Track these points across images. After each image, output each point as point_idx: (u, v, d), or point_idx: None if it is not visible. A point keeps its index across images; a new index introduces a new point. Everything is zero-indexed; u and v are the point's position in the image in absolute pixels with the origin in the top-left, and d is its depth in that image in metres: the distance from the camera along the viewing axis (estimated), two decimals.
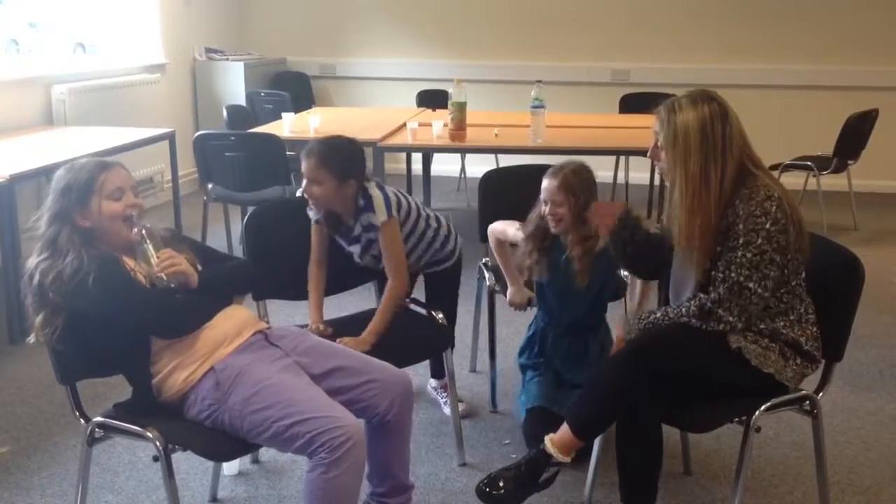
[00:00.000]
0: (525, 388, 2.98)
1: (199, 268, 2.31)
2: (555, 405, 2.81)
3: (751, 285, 2.16)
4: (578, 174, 2.75)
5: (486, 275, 3.23)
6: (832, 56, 6.97)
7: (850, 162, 5.87)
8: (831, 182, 5.98)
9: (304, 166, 2.68)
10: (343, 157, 2.68)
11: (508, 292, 3.03)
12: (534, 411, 2.86)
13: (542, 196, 2.76)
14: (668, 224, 2.32)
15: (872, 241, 5.73)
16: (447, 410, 3.10)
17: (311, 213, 2.77)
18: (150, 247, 2.22)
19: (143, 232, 2.22)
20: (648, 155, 2.36)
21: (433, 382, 3.28)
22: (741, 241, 2.16)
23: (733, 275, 2.17)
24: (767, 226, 2.15)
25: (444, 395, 3.17)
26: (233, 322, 2.28)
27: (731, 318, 2.19)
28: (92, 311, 2.11)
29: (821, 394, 2.35)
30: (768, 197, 2.17)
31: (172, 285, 2.20)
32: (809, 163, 5.78)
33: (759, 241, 2.15)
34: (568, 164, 2.79)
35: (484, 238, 3.27)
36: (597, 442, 2.61)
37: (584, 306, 2.87)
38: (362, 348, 2.54)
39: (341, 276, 2.90)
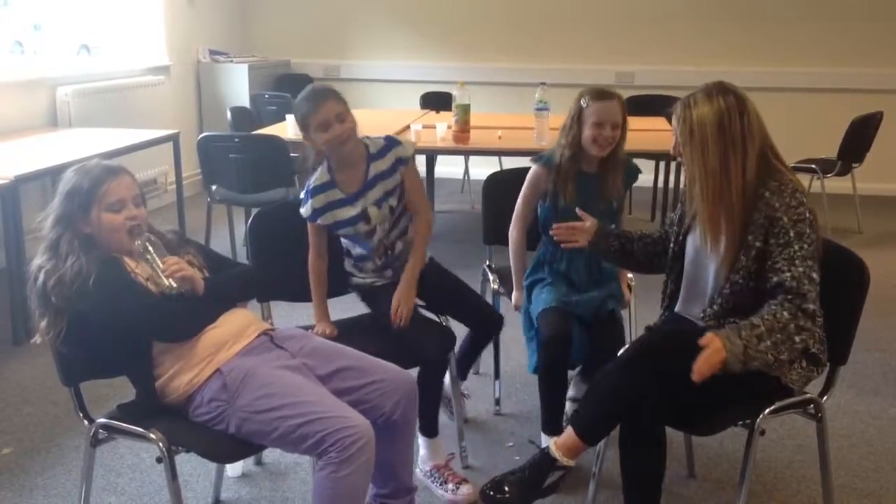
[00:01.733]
0: (535, 298, 2.89)
1: (205, 273, 2.32)
2: (569, 306, 2.78)
3: (814, 275, 2.15)
4: (619, 95, 2.84)
5: (491, 277, 3.22)
6: (837, 59, 6.96)
7: (854, 165, 5.87)
8: (835, 185, 5.97)
9: (325, 109, 2.56)
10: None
11: (514, 294, 3.01)
12: (548, 311, 2.77)
13: (598, 118, 2.77)
14: (690, 216, 2.31)
15: (877, 243, 5.72)
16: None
17: (304, 211, 2.69)
18: (154, 256, 2.22)
19: (147, 244, 2.22)
20: (672, 151, 2.36)
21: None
22: (793, 235, 2.14)
23: (801, 269, 2.13)
24: (808, 213, 2.16)
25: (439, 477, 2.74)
26: (235, 324, 2.28)
27: (813, 307, 2.13)
28: (93, 314, 2.11)
29: (825, 397, 2.35)
30: (796, 189, 2.19)
31: (183, 290, 2.20)
32: (814, 165, 5.78)
33: (808, 230, 2.15)
34: (601, 86, 2.86)
35: (488, 240, 3.27)
36: (600, 445, 2.61)
37: (605, 221, 2.79)
38: (411, 293, 2.67)
39: (343, 278, 2.88)
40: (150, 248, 2.22)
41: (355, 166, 2.70)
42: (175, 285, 2.19)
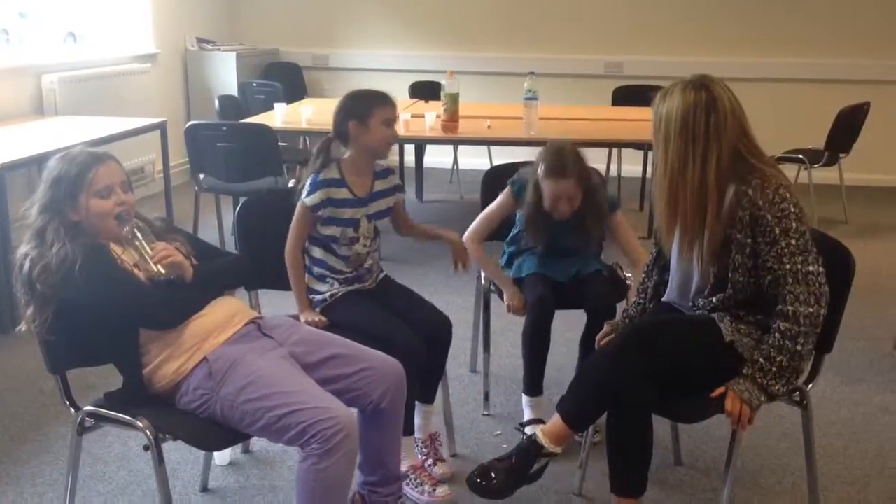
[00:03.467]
0: (517, 266, 3.00)
1: (193, 261, 2.31)
2: (549, 272, 2.92)
3: (811, 268, 2.12)
4: (578, 158, 2.86)
5: (482, 275, 3.20)
6: (824, 49, 6.98)
7: (841, 155, 5.89)
8: (823, 175, 5.99)
9: (394, 110, 2.72)
10: None
11: (506, 296, 2.98)
12: (531, 276, 2.91)
13: (555, 194, 2.82)
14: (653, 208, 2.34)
15: (863, 234, 5.75)
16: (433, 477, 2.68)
17: (310, 199, 2.65)
18: (143, 242, 2.21)
19: (134, 230, 2.21)
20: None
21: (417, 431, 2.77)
22: (778, 232, 2.12)
23: (788, 266, 2.13)
24: (792, 208, 2.13)
25: (428, 453, 2.76)
26: (223, 312, 2.27)
27: (811, 310, 2.12)
28: (79, 302, 2.10)
29: (810, 385, 2.36)
30: (780, 185, 2.16)
31: (172, 277, 2.19)
32: (801, 156, 5.79)
33: (794, 224, 2.12)
34: (562, 152, 2.85)
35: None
36: (587, 433, 2.62)
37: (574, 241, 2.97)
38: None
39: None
40: (139, 234, 2.21)
41: (366, 175, 2.75)
42: (164, 271, 2.18)
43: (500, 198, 3.04)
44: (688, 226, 2.23)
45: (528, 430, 2.79)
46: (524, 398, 2.95)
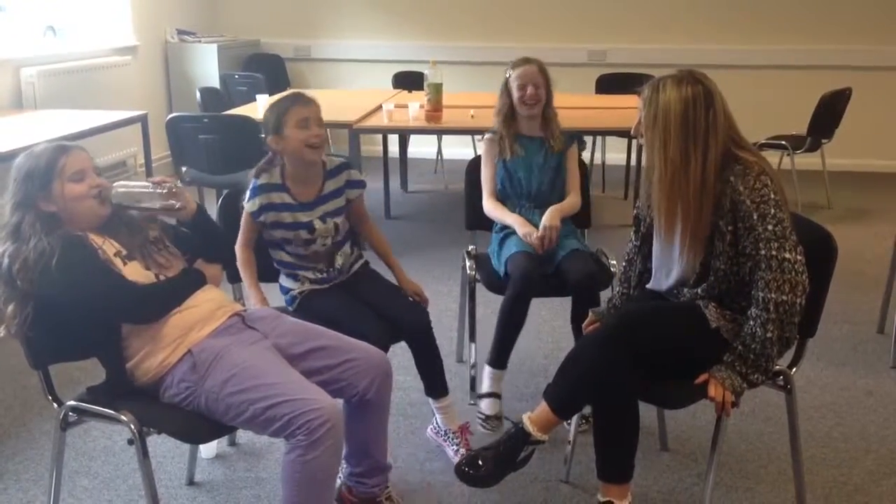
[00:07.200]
0: (505, 246, 3.05)
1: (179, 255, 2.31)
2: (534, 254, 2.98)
3: (787, 255, 2.11)
4: (541, 63, 3.19)
5: (468, 262, 3.21)
6: (806, 35, 7.01)
7: (823, 141, 5.92)
8: (805, 161, 6.02)
9: (309, 111, 2.60)
10: None
11: (521, 232, 3.03)
12: (517, 254, 2.94)
13: (520, 82, 3.12)
14: (646, 204, 2.31)
15: (846, 219, 5.79)
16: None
17: (249, 206, 2.64)
18: (133, 189, 2.22)
19: (119, 191, 2.21)
20: (633, 132, 2.34)
21: (435, 422, 2.85)
22: (756, 217, 2.12)
23: (763, 251, 2.12)
24: (772, 195, 2.12)
25: (455, 440, 2.80)
26: (207, 305, 2.25)
27: (784, 298, 2.11)
28: (58, 296, 2.08)
29: (794, 369, 2.37)
30: (762, 171, 2.15)
31: (178, 206, 2.25)
32: (784, 142, 5.82)
33: (773, 210, 2.11)
34: (526, 56, 3.19)
35: (470, 226, 3.30)
36: (574, 420, 2.63)
37: (548, 174, 3.15)
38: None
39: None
40: (123, 190, 2.21)
41: (311, 181, 2.69)
42: (177, 205, 2.24)
43: (483, 155, 3.21)
44: (690, 222, 2.20)
45: (485, 405, 2.90)
46: (487, 369, 2.94)
